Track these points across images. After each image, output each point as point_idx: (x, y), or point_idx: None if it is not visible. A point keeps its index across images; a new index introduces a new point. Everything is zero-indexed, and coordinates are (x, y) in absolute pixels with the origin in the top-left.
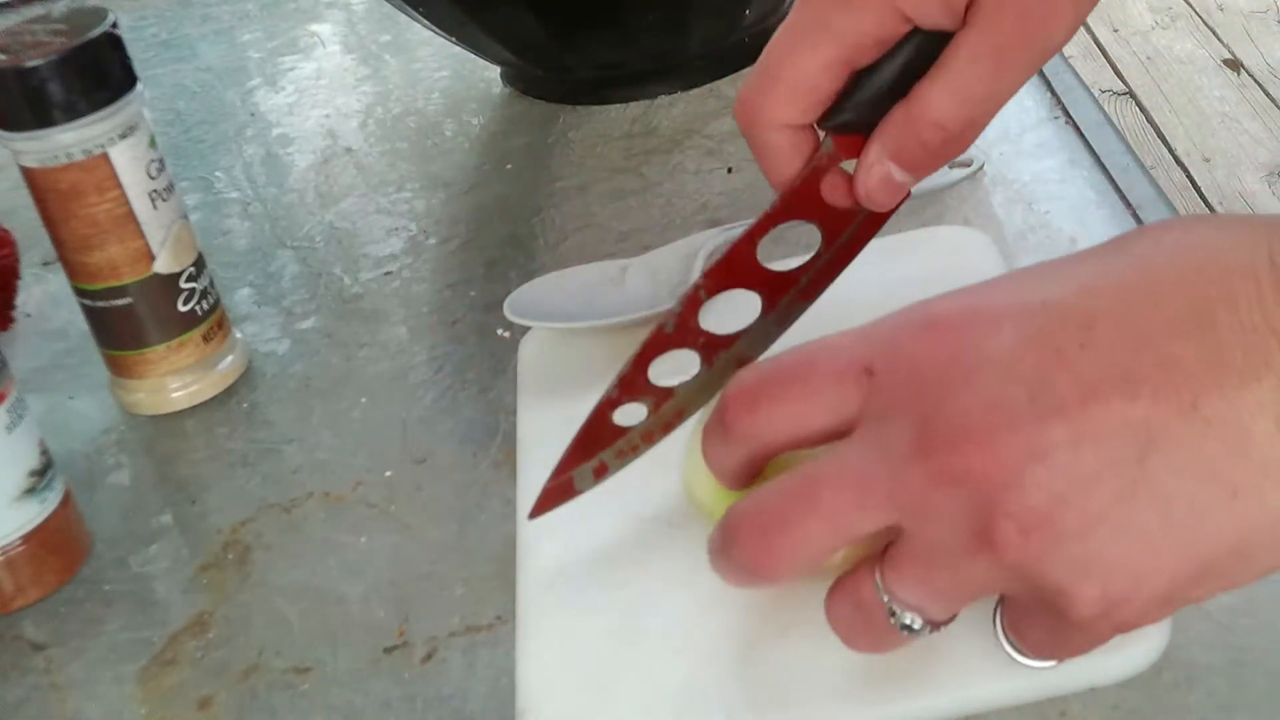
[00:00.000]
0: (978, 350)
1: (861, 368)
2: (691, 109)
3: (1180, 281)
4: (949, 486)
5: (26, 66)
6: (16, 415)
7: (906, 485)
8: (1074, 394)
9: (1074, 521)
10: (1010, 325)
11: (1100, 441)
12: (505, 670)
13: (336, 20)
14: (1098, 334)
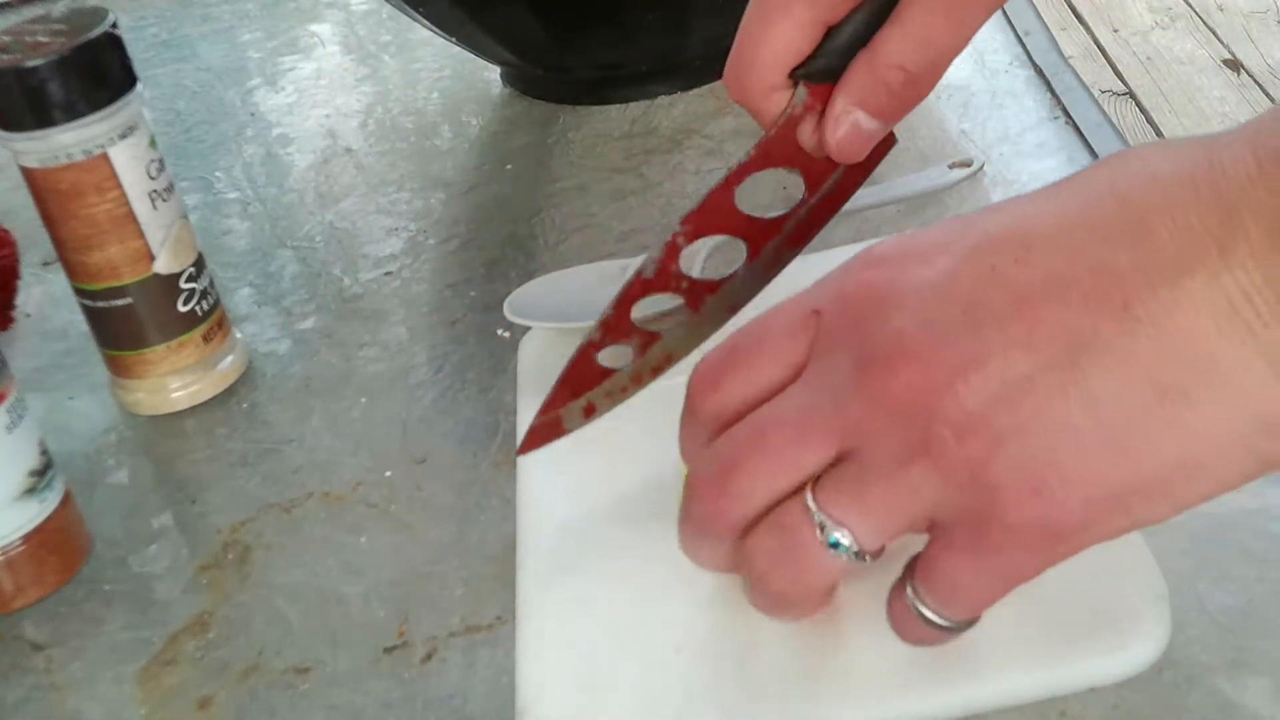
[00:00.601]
0: (915, 276)
1: (809, 312)
2: (691, 109)
3: (1118, 197)
4: (887, 405)
5: (26, 66)
6: (16, 415)
7: (847, 412)
8: (1008, 305)
9: (1008, 423)
10: (948, 253)
11: (1033, 346)
12: (505, 670)
13: (336, 20)
14: (1034, 252)
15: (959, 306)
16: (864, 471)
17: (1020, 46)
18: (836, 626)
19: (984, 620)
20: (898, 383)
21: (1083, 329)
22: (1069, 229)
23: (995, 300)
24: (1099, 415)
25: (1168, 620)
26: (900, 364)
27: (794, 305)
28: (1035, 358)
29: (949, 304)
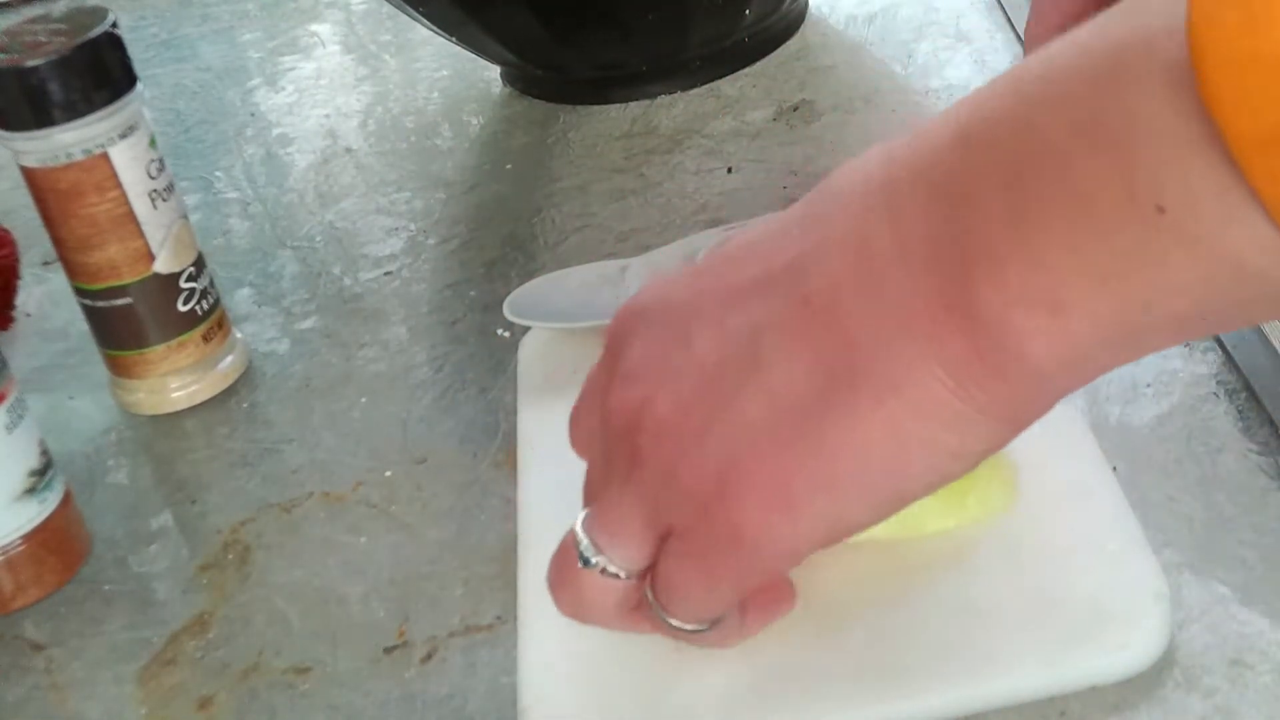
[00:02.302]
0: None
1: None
2: (691, 109)
3: (811, 200)
4: (607, 425)
5: (26, 66)
6: (16, 415)
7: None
8: (713, 311)
9: (694, 425)
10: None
11: (722, 342)
12: (505, 670)
13: (336, 20)
14: (737, 258)
15: (670, 331)
16: (603, 496)
17: (1020, 46)
18: (836, 626)
19: (985, 620)
20: (615, 402)
21: (765, 317)
22: (772, 233)
23: (704, 310)
24: (774, 407)
25: (1168, 620)
26: (619, 392)
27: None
28: (722, 352)
29: (662, 330)
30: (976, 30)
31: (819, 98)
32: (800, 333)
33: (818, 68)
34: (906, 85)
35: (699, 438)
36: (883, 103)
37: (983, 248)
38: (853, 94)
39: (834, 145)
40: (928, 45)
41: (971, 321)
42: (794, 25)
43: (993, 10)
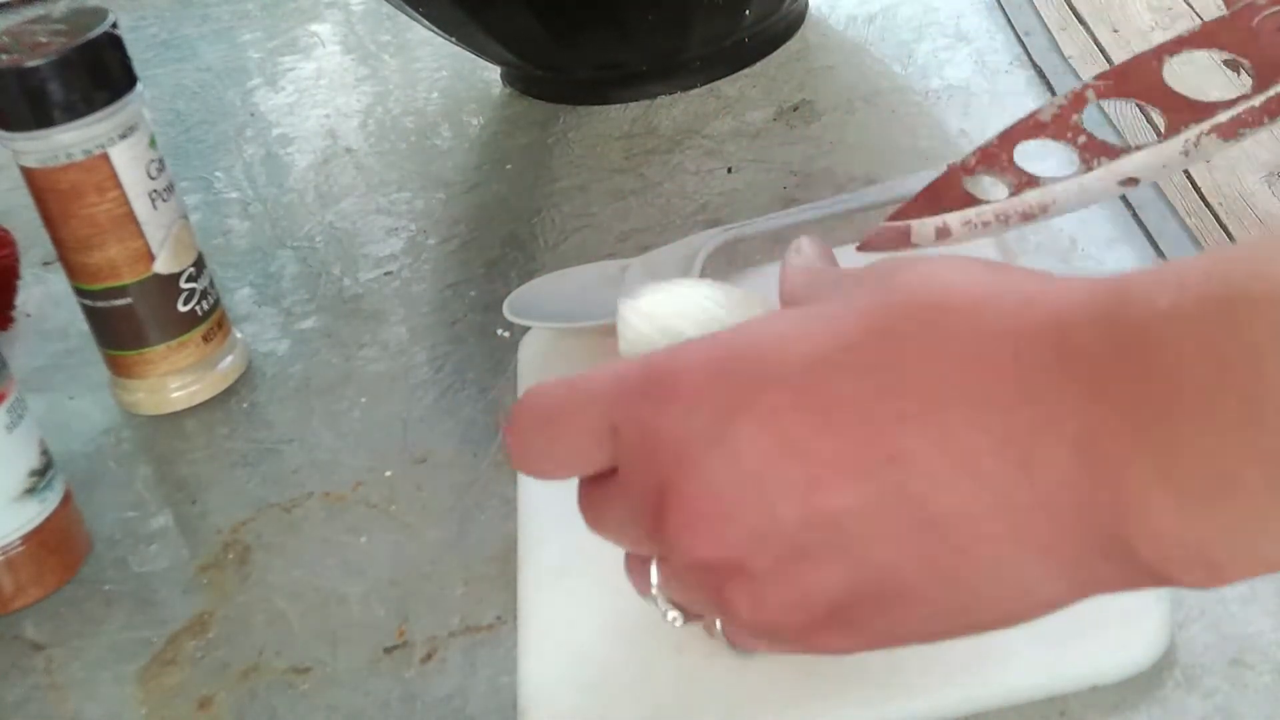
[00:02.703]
0: (708, 433)
1: (607, 427)
2: (691, 109)
3: (922, 360)
4: (684, 562)
5: (26, 66)
6: (16, 415)
7: (652, 543)
8: (800, 484)
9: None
10: (744, 407)
11: (825, 530)
12: (505, 670)
13: (336, 20)
14: (831, 420)
15: (750, 479)
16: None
17: (1020, 46)
18: None
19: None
20: (690, 552)
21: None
22: (869, 395)
23: (787, 475)
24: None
25: (1168, 620)
26: (691, 535)
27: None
28: (824, 541)
29: (740, 476)
30: (976, 30)
31: (819, 98)
32: (915, 550)
33: (818, 68)
34: (906, 85)
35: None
36: (883, 103)
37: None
38: (853, 94)
39: (834, 145)
40: (928, 45)
41: (1124, 565)
42: (794, 25)
43: (993, 10)
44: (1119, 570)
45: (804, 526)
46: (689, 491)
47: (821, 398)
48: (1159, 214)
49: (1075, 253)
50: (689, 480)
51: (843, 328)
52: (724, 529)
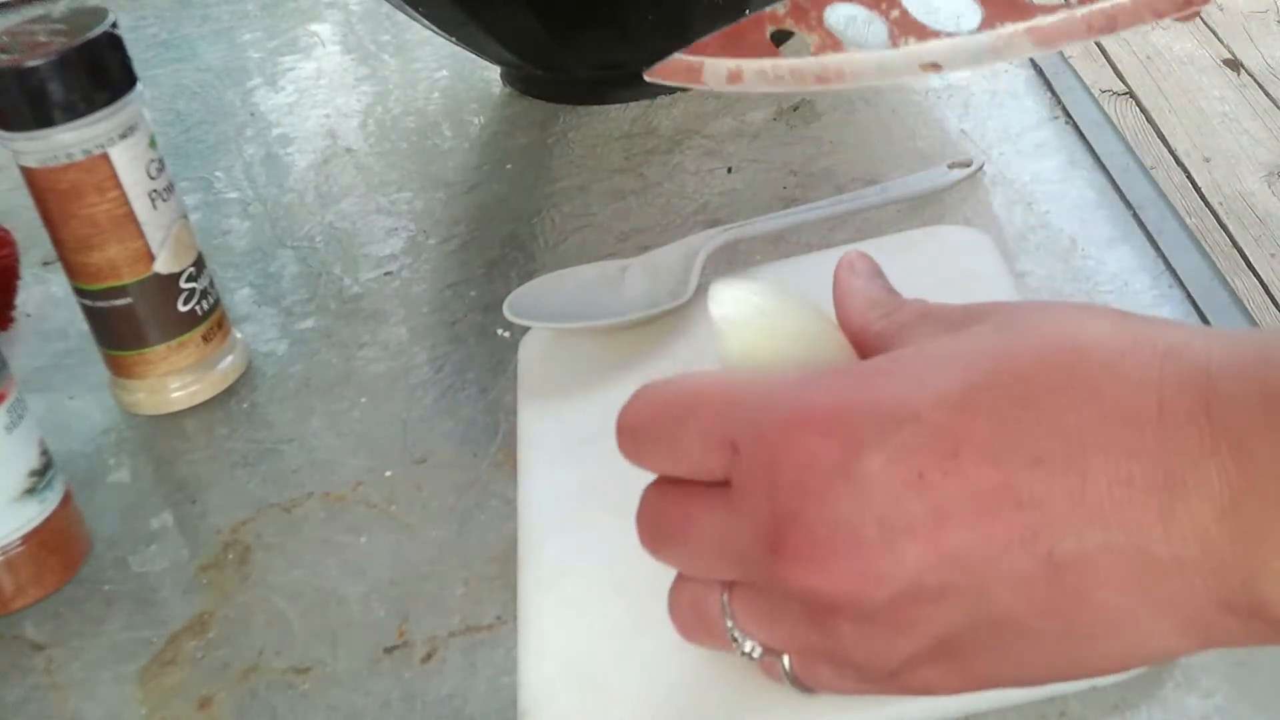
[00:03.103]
0: (836, 464)
1: (728, 442)
2: (691, 109)
3: (1061, 407)
4: (792, 592)
5: (26, 66)
6: (16, 415)
7: (757, 568)
8: (926, 521)
9: (903, 641)
10: (874, 442)
11: (943, 570)
12: (505, 670)
13: (336, 20)
14: (962, 461)
15: (874, 514)
16: (773, 617)
17: None
18: None
19: None
20: (801, 581)
21: (999, 567)
22: (1002, 434)
23: (914, 512)
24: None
25: None
26: (807, 563)
27: (714, 418)
28: (946, 580)
29: (865, 508)
30: None
31: (819, 98)
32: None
33: None
34: (907, 85)
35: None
36: (883, 103)
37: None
38: (853, 94)
39: (834, 145)
40: None
41: (1253, 623)
42: None
43: None
44: (1246, 628)
45: (926, 566)
46: (812, 521)
47: (954, 438)
48: (1159, 214)
49: (1075, 253)
50: (813, 510)
51: (977, 368)
52: (846, 563)
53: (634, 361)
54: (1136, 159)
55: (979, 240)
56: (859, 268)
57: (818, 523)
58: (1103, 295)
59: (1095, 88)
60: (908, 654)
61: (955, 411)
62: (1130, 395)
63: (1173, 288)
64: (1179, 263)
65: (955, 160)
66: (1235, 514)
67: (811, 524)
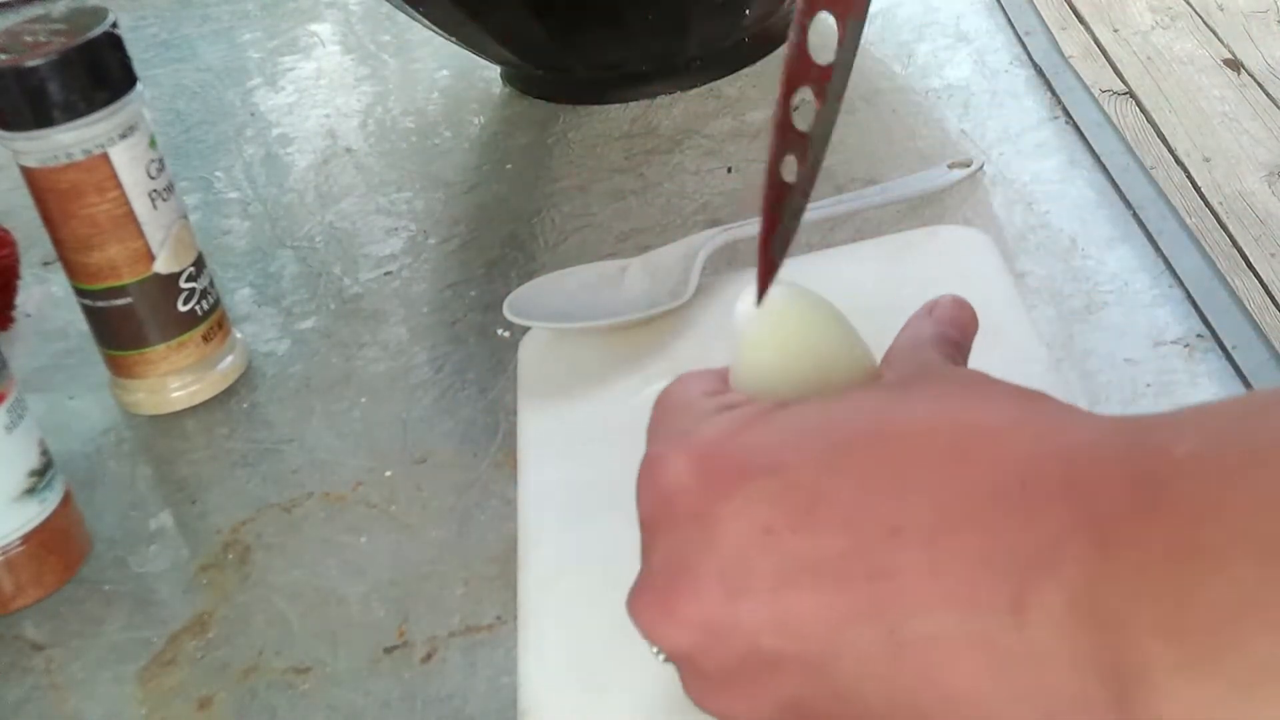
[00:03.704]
0: (692, 506)
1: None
2: (691, 109)
3: (928, 477)
4: (639, 623)
5: (26, 66)
6: (16, 415)
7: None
8: (767, 580)
9: (746, 698)
10: (729, 491)
11: (783, 635)
12: (505, 670)
13: (336, 20)
14: (816, 520)
15: (717, 564)
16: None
17: (1020, 46)
18: None
19: None
20: (642, 617)
21: (842, 638)
22: (864, 501)
23: (756, 569)
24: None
25: None
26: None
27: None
28: (782, 646)
29: (708, 557)
30: (976, 30)
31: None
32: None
33: None
34: (906, 85)
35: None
36: (883, 103)
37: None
38: (853, 94)
39: (834, 145)
40: (928, 45)
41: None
42: None
43: (993, 10)
44: None
45: (763, 629)
46: (658, 560)
47: (812, 496)
48: (1159, 214)
49: (1075, 252)
50: (662, 548)
51: (854, 428)
52: (685, 608)
53: (634, 361)
54: (1136, 159)
55: (979, 240)
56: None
57: (663, 563)
58: (1103, 295)
59: (1095, 88)
60: (764, 715)
61: (819, 469)
62: (998, 472)
63: (1173, 288)
64: (1179, 263)
65: (955, 160)
66: (1091, 601)
67: (657, 563)
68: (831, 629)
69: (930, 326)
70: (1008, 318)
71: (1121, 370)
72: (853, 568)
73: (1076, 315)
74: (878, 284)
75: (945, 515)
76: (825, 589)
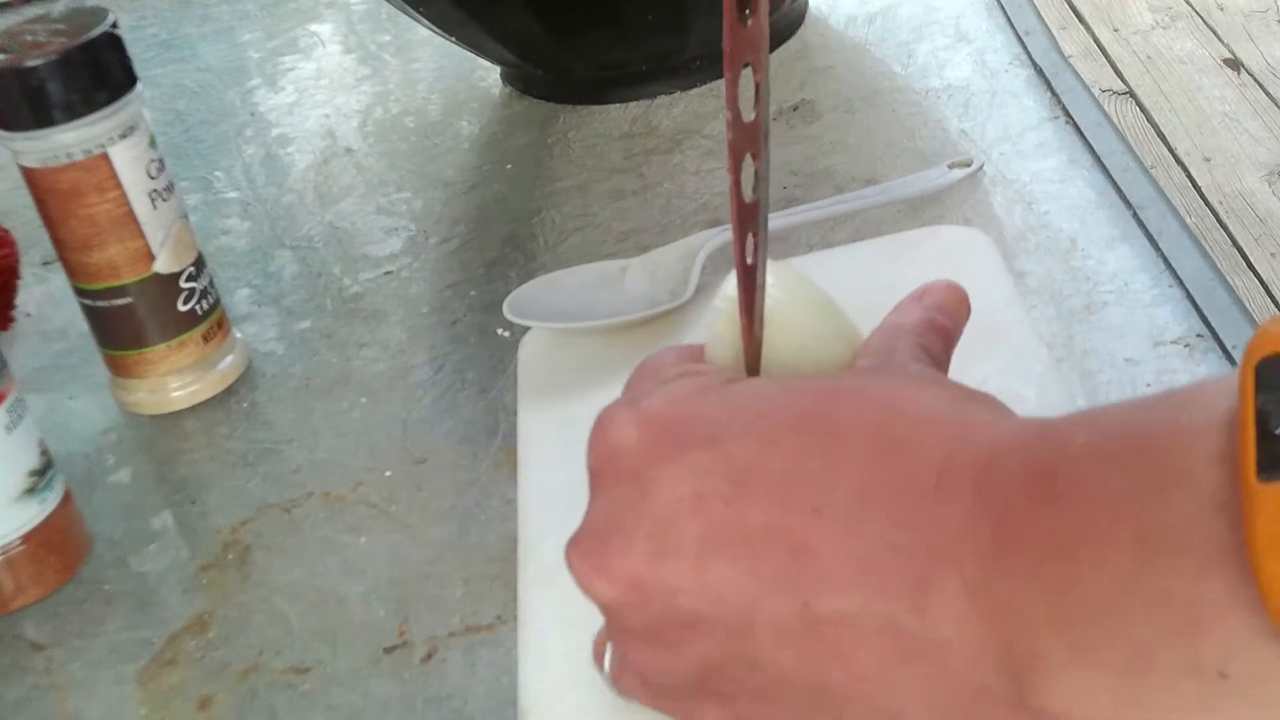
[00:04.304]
0: (631, 466)
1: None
2: (691, 109)
3: (855, 462)
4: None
5: (26, 66)
6: (16, 415)
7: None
8: (694, 545)
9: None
10: (669, 455)
11: (704, 598)
12: (505, 670)
13: (336, 20)
14: (748, 493)
15: (648, 524)
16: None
17: (1020, 46)
18: None
19: None
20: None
21: (760, 608)
22: (793, 480)
23: (685, 532)
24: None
25: None
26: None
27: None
28: (702, 609)
29: (641, 517)
30: (976, 30)
31: (819, 98)
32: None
33: (818, 68)
34: (906, 85)
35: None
36: (883, 103)
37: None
38: (853, 94)
39: (834, 145)
40: (928, 45)
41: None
42: (794, 25)
43: (993, 10)
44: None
45: (684, 589)
46: (596, 514)
47: (745, 469)
48: (1159, 214)
49: (1075, 252)
50: (600, 504)
51: (795, 408)
52: (615, 563)
53: (634, 361)
54: (1136, 159)
55: (979, 240)
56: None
57: (600, 517)
58: (1103, 295)
59: (1095, 87)
60: (682, 680)
61: (756, 445)
62: (919, 464)
63: (1173, 288)
64: (1179, 263)
65: (955, 160)
66: (987, 591)
67: (595, 516)
68: (750, 598)
69: (917, 313)
70: (1008, 318)
71: (1121, 370)
72: (775, 541)
73: (1076, 315)
74: (878, 284)
75: (864, 500)
76: (746, 558)
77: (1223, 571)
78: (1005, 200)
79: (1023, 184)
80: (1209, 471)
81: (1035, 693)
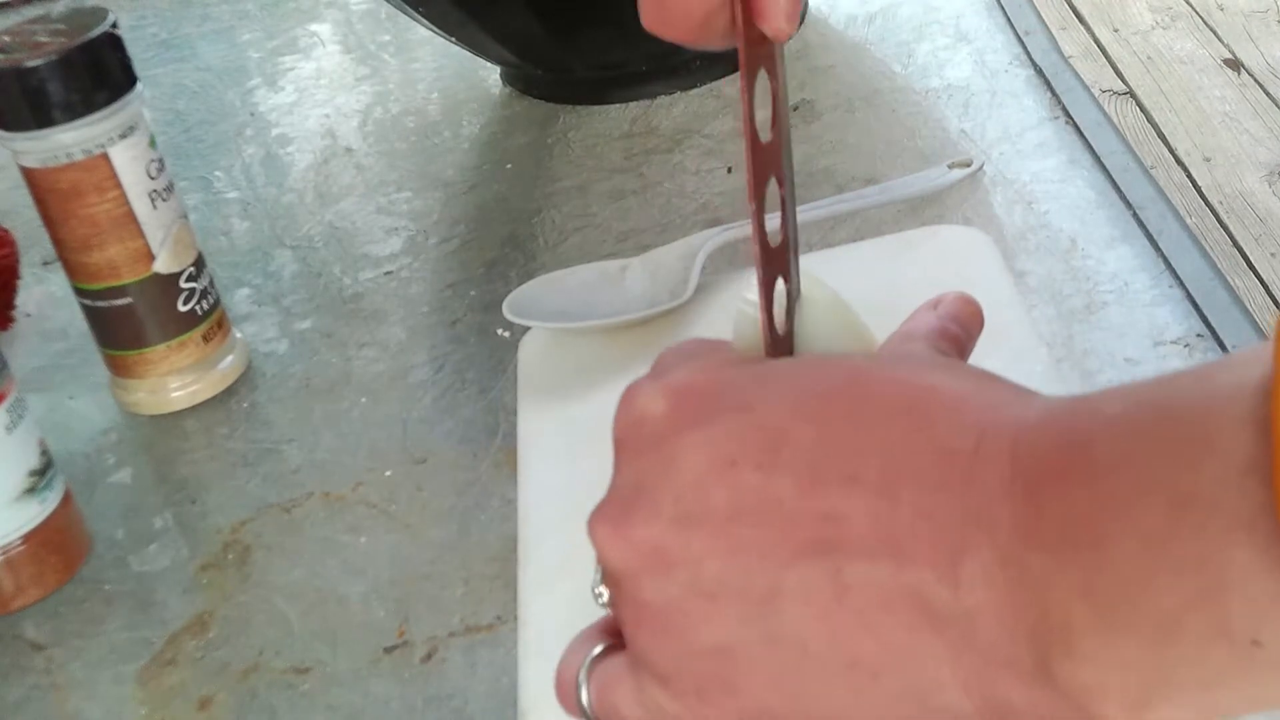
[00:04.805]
0: (657, 432)
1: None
2: (691, 109)
3: (888, 432)
4: (594, 540)
5: (26, 66)
6: (16, 415)
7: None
8: (723, 511)
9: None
10: (697, 423)
11: (730, 565)
12: (505, 670)
13: (336, 20)
14: (780, 460)
15: (674, 491)
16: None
17: (1020, 46)
18: None
19: None
20: (596, 530)
21: (787, 576)
22: (825, 448)
23: (713, 500)
24: (779, 656)
25: None
26: (606, 521)
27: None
28: (727, 578)
29: (667, 484)
30: (976, 30)
31: (819, 98)
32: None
33: (818, 68)
34: (906, 85)
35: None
36: (883, 103)
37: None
38: (853, 94)
39: (834, 145)
40: (928, 45)
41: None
42: None
43: (993, 10)
44: (1031, 700)
45: (712, 557)
46: (621, 481)
47: (778, 437)
48: (1159, 214)
49: (1075, 252)
50: (625, 471)
51: (826, 380)
52: (639, 530)
53: (634, 361)
54: (1136, 159)
55: (979, 240)
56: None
57: (626, 484)
58: (1103, 295)
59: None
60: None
61: (788, 414)
62: (953, 433)
63: (1173, 288)
64: (1179, 263)
65: (955, 160)
66: (1019, 561)
67: (620, 484)
68: (779, 564)
69: (932, 320)
70: (1008, 318)
71: (1121, 370)
72: (806, 507)
73: (1076, 315)
74: (878, 284)
75: (900, 469)
76: (776, 524)
77: (1252, 533)
78: (1005, 200)
79: (1023, 184)
80: (1240, 433)
81: (1064, 667)
